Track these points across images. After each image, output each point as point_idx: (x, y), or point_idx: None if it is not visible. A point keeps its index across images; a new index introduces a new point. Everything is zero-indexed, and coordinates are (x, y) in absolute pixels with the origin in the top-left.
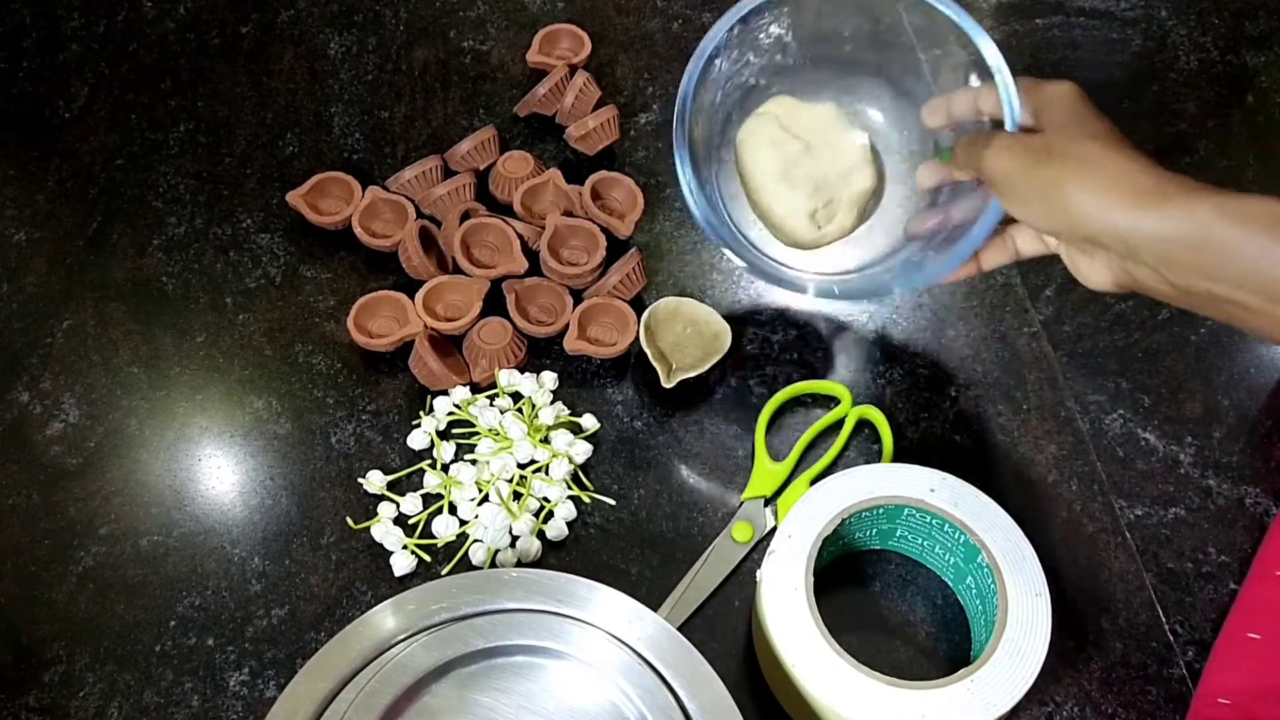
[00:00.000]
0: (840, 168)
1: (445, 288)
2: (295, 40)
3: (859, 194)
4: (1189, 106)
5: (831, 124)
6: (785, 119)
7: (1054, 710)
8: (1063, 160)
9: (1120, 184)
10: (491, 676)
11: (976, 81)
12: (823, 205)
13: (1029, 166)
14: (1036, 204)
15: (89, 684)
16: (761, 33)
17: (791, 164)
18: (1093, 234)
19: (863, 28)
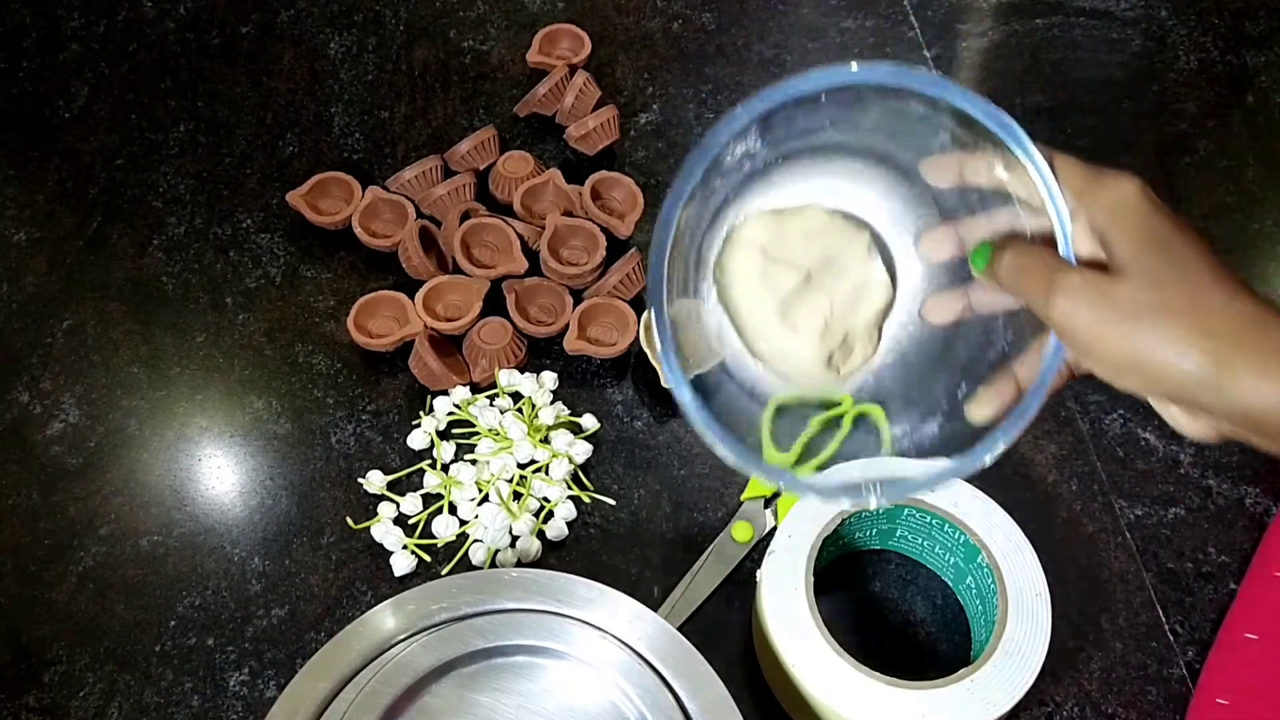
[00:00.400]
0: (847, 288)
1: (445, 288)
2: (295, 40)
3: (876, 313)
4: (1189, 106)
5: (823, 232)
6: (770, 246)
7: (1054, 710)
8: (1168, 319)
9: (1248, 351)
10: (491, 676)
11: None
12: (838, 346)
13: (1123, 331)
14: (1133, 376)
15: (89, 684)
16: (727, 156)
17: (791, 303)
18: (1214, 412)
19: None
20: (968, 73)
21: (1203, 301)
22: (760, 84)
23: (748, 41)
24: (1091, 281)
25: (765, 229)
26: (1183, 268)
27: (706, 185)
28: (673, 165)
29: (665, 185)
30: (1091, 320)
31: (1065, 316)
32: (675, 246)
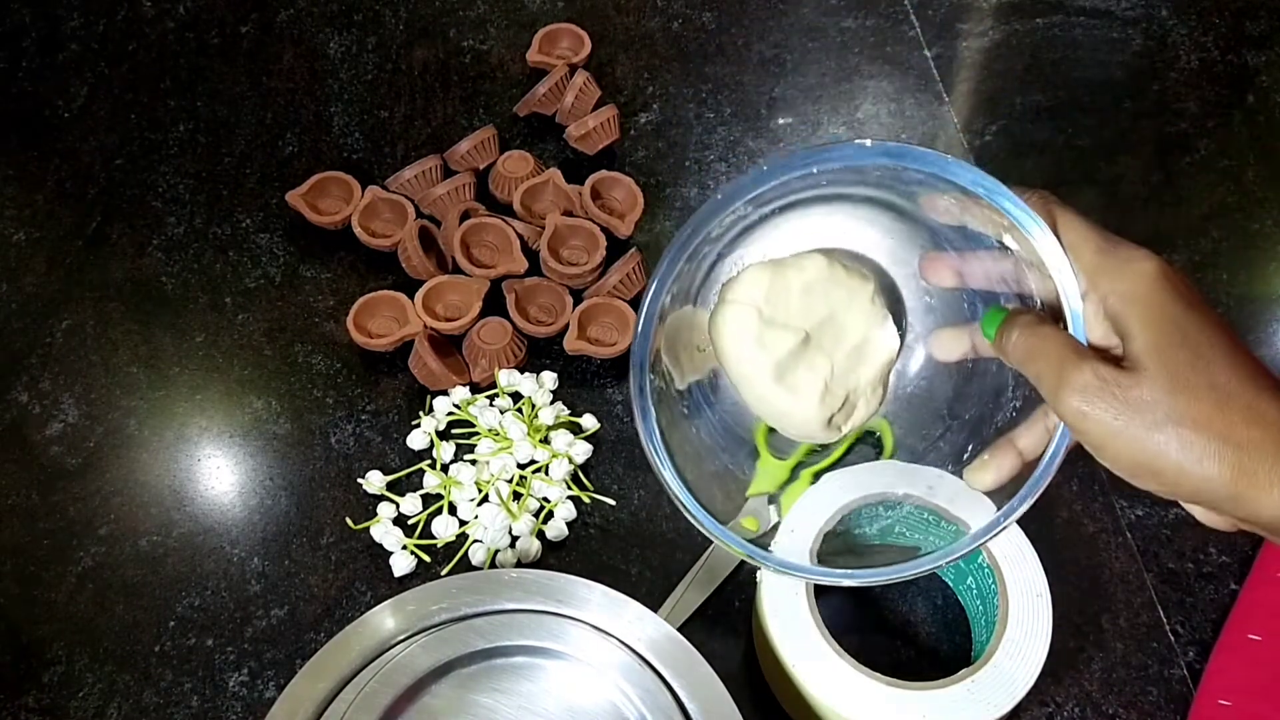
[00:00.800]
0: (849, 347)
1: (445, 288)
2: (295, 40)
3: (881, 368)
4: (1190, 106)
5: (823, 285)
6: (766, 305)
7: (1054, 710)
8: (1189, 428)
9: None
10: (491, 677)
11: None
12: (839, 409)
13: (1139, 437)
14: (1148, 479)
15: (88, 684)
16: (715, 229)
17: (787, 366)
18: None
19: (843, 179)
20: (968, 72)
21: (1225, 407)
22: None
23: (748, 41)
24: (1106, 381)
25: (761, 285)
26: (1205, 368)
27: (694, 256)
28: (673, 165)
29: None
30: (1105, 422)
31: (1078, 416)
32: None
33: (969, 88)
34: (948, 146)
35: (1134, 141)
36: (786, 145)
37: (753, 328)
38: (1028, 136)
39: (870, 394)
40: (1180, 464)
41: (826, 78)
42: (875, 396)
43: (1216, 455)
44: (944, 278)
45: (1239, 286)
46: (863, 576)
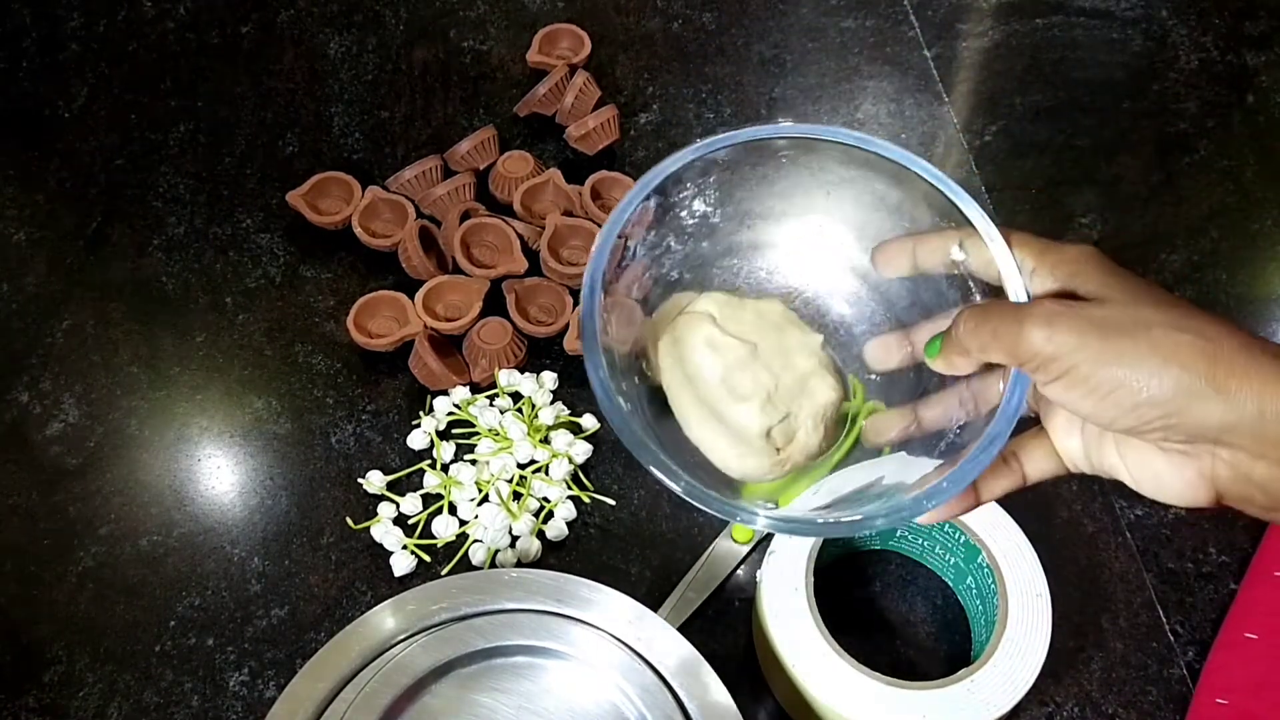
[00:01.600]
0: (795, 374)
1: (445, 288)
2: (295, 40)
3: (822, 407)
4: (1189, 106)
5: (777, 318)
6: (722, 318)
7: (1054, 710)
8: (1158, 327)
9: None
10: (491, 677)
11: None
12: (778, 421)
13: (1108, 345)
14: (1118, 395)
15: (89, 684)
16: (683, 209)
17: (735, 371)
18: (1222, 424)
19: (811, 202)
20: (968, 72)
21: (1187, 315)
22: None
23: (748, 41)
24: (1066, 305)
25: (716, 303)
26: (1157, 296)
27: (660, 233)
28: None
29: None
30: (1072, 336)
31: (1045, 341)
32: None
33: (969, 88)
34: (948, 146)
35: (1134, 141)
36: None
37: (705, 332)
38: (1028, 136)
39: (812, 428)
40: (1152, 364)
41: (826, 78)
42: (817, 434)
43: (1190, 346)
44: (891, 358)
45: (1239, 286)
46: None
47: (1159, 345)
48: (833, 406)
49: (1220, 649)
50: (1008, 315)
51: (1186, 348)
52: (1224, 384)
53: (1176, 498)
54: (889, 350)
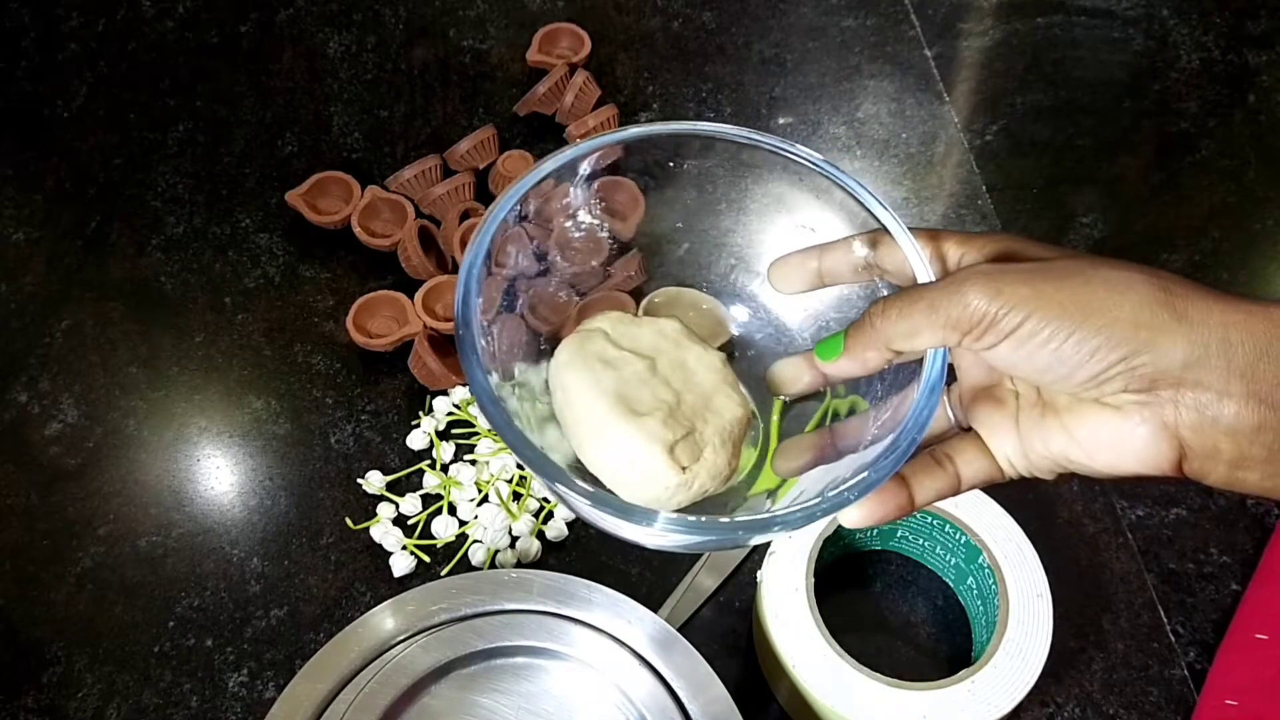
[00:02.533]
0: (698, 391)
1: (445, 287)
2: (294, 39)
3: (730, 424)
4: (1190, 105)
5: (676, 334)
6: (614, 331)
7: (1055, 711)
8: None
9: (1210, 293)
10: (491, 677)
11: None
12: (681, 436)
13: (1061, 290)
14: (1073, 341)
15: (87, 685)
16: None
17: (631, 384)
18: (1187, 359)
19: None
20: (968, 72)
21: (1127, 265)
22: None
23: (748, 40)
24: (1003, 265)
25: (613, 322)
26: (1089, 255)
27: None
28: None
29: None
30: (1022, 286)
31: (992, 297)
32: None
33: (969, 87)
34: (948, 146)
35: (1135, 141)
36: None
37: (599, 347)
38: (1028, 136)
39: (719, 445)
40: (1110, 302)
41: (827, 77)
42: (724, 453)
43: (1144, 281)
44: (800, 280)
45: (1239, 286)
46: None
47: (1112, 283)
48: (739, 424)
49: (1228, 650)
50: (941, 288)
51: (1141, 284)
52: (1184, 313)
53: (1136, 462)
54: (797, 372)
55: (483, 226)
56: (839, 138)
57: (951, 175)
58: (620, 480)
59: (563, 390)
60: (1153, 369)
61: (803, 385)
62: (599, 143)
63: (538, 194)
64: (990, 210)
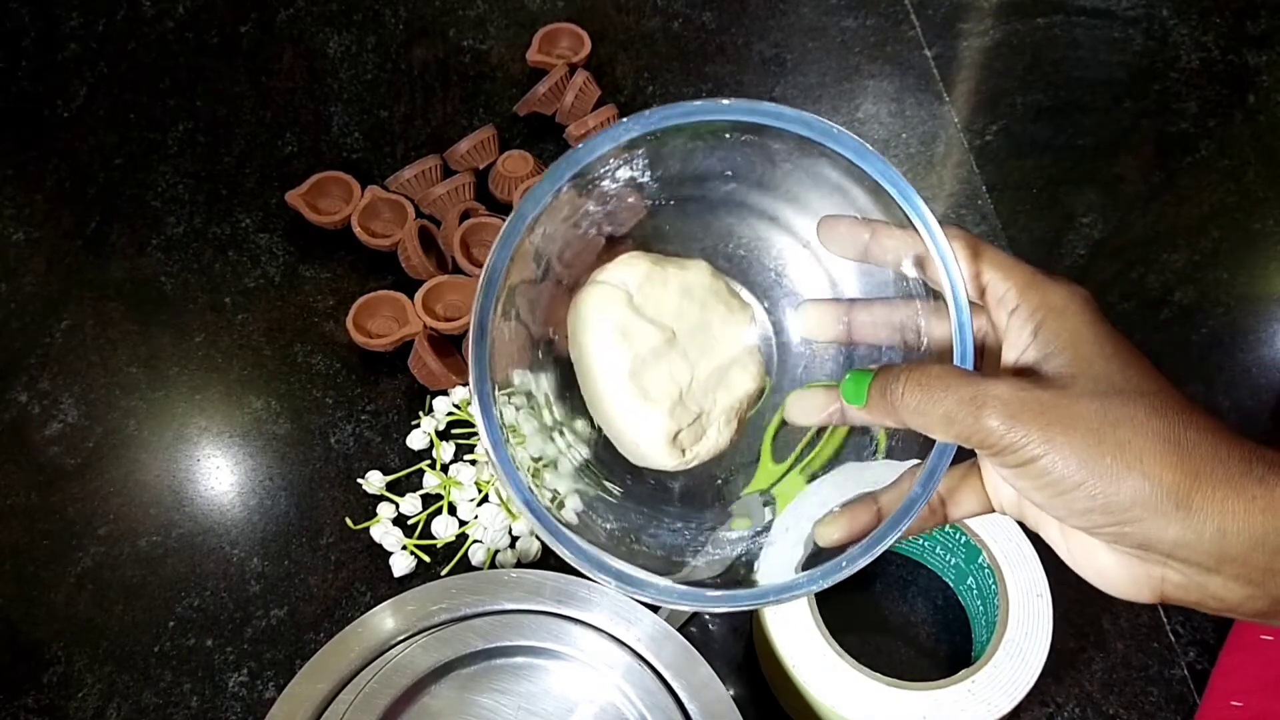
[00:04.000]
0: (714, 364)
1: (445, 287)
2: (294, 39)
3: (738, 400)
4: (1190, 106)
5: (703, 294)
6: (639, 293)
7: (1055, 711)
8: (1128, 429)
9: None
10: (491, 677)
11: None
12: (688, 424)
13: (1073, 440)
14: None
15: (88, 685)
16: (606, 179)
17: (646, 363)
18: (1177, 541)
19: (752, 168)
20: (968, 72)
21: (1160, 412)
22: (760, 83)
23: (748, 40)
24: (1028, 391)
25: (637, 272)
26: (1134, 377)
27: (574, 205)
28: None
29: None
30: (1035, 430)
31: (1005, 431)
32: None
33: (969, 87)
34: (948, 146)
35: (1135, 141)
36: None
37: (619, 314)
38: (1028, 136)
39: (723, 424)
40: (1115, 471)
41: (827, 77)
42: (728, 430)
43: (1157, 454)
44: (825, 328)
45: (1239, 286)
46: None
47: (1125, 450)
48: (749, 398)
49: (1232, 651)
50: (964, 400)
51: (1153, 456)
52: (1187, 499)
53: (1117, 592)
54: (824, 319)
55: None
56: None
57: (951, 175)
58: (625, 447)
59: (579, 347)
60: (1143, 539)
61: (828, 335)
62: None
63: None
64: (990, 210)
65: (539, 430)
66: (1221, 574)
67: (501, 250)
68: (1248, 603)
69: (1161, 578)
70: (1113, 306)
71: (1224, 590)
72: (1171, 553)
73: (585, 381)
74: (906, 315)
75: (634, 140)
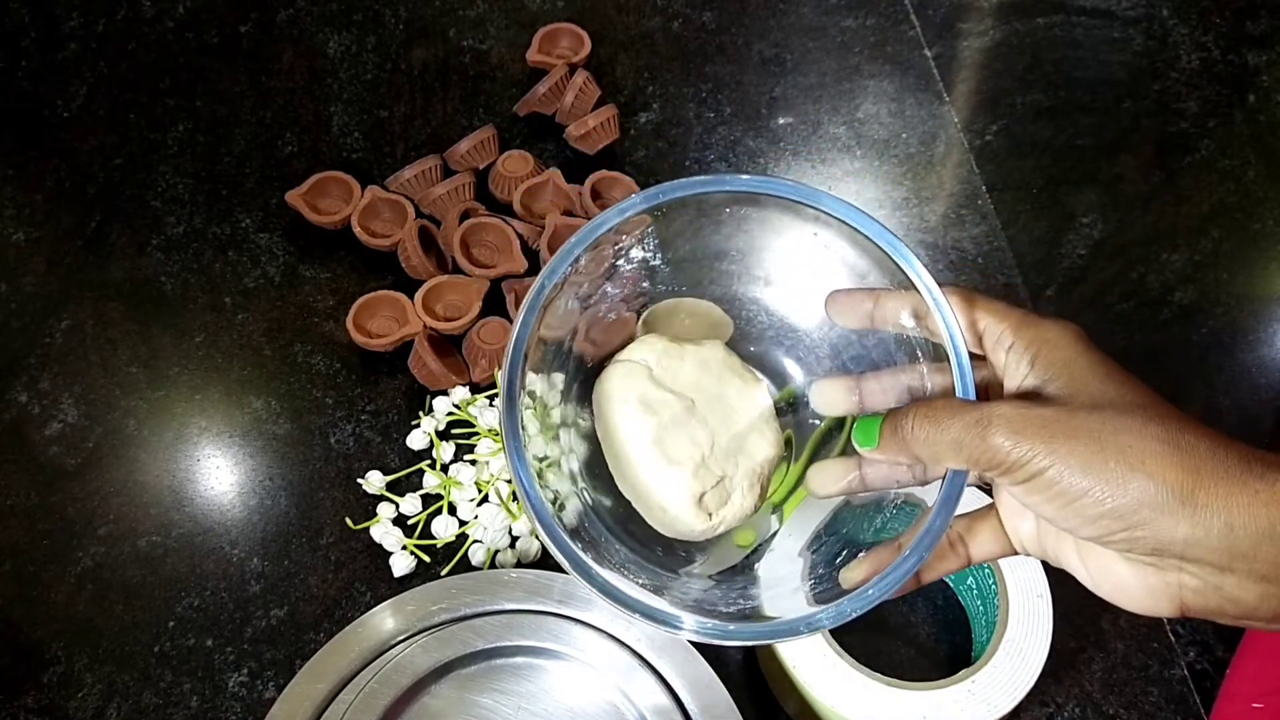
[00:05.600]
0: (733, 430)
1: (445, 287)
2: (294, 39)
3: (761, 465)
4: (1190, 106)
5: (719, 365)
6: (658, 367)
7: (1055, 711)
8: (1130, 435)
9: (1219, 465)
10: (491, 677)
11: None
12: (712, 486)
13: (1077, 449)
14: (1085, 501)
15: (88, 684)
16: (621, 258)
17: (669, 430)
18: (1188, 539)
19: (752, 243)
20: (968, 72)
21: (1161, 421)
22: (760, 83)
23: (748, 40)
24: (1031, 408)
25: (655, 350)
26: (1130, 393)
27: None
28: (673, 165)
29: None
30: (1040, 444)
31: (1011, 448)
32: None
33: (969, 87)
34: (949, 146)
35: (1135, 141)
36: (786, 145)
37: (640, 387)
38: (1028, 136)
39: (746, 489)
40: (1120, 475)
41: (827, 77)
42: (752, 495)
43: (1159, 455)
44: (839, 403)
45: (1239, 286)
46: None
47: (1127, 454)
48: (769, 464)
49: (1248, 654)
50: (970, 424)
51: (1155, 457)
52: (1192, 496)
53: (1138, 607)
54: (837, 394)
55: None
56: (839, 138)
57: (951, 175)
58: (652, 515)
59: (604, 422)
60: (1155, 543)
61: (840, 409)
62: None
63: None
64: (990, 210)
65: (546, 429)
66: (1235, 572)
67: (528, 313)
68: (1264, 603)
69: (1179, 584)
70: (1112, 306)
71: (1240, 590)
72: (1184, 554)
73: (612, 456)
74: (912, 377)
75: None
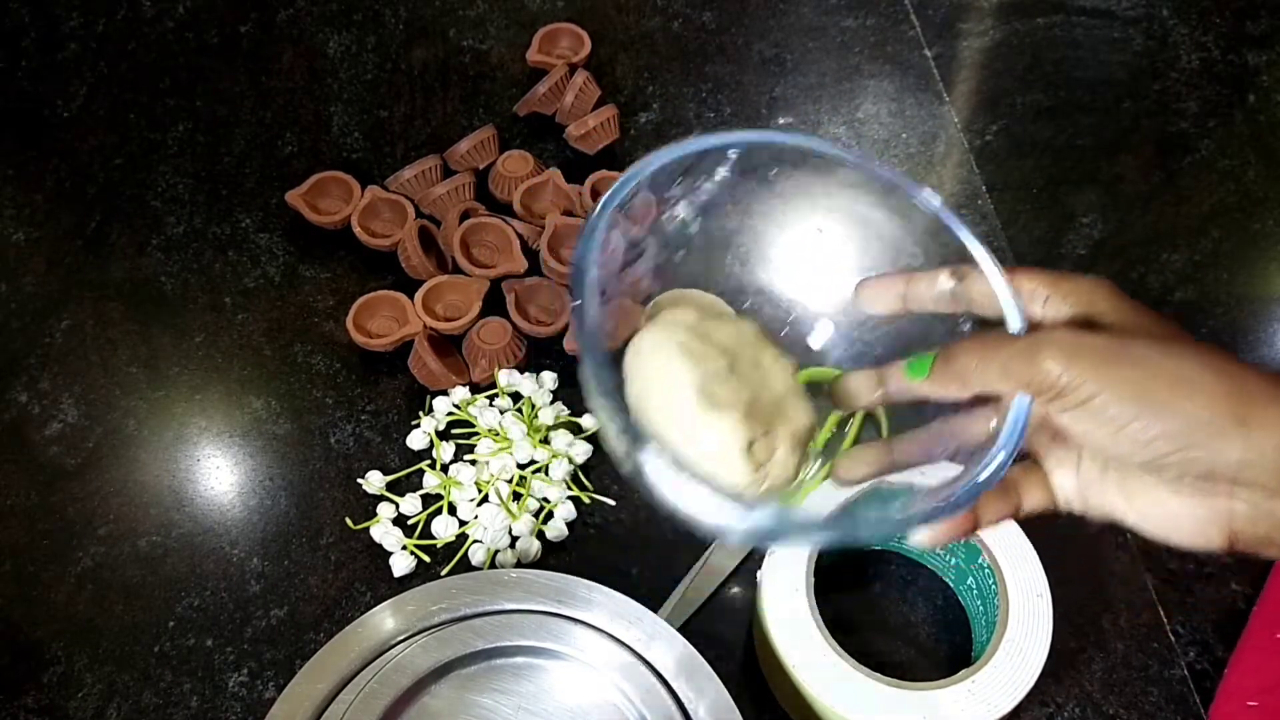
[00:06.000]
0: (773, 393)
1: (445, 287)
2: (294, 39)
3: (800, 430)
4: (1190, 106)
5: (751, 337)
6: (701, 330)
7: (1055, 711)
8: (1178, 356)
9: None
10: (491, 678)
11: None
12: (762, 434)
13: (1130, 369)
14: (1142, 421)
15: (88, 685)
16: (667, 211)
17: (713, 380)
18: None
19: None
20: (968, 72)
21: (1205, 350)
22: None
23: (748, 40)
24: (1081, 333)
25: (689, 315)
26: (1174, 329)
27: (637, 244)
28: None
29: None
30: (1091, 367)
31: (1062, 371)
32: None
33: (969, 87)
34: (948, 146)
35: (1135, 141)
36: None
37: (680, 339)
38: (1028, 136)
39: (790, 448)
40: (1173, 396)
41: (827, 77)
42: (794, 456)
43: (1212, 378)
44: (885, 302)
45: (1239, 286)
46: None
47: (1181, 377)
48: (807, 432)
49: (1247, 651)
50: (1019, 347)
51: (1209, 379)
52: (1245, 417)
53: (1188, 539)
54: (864, 386)
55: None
56: (839, 138)
57: (951, 175)
58: (698, 465)
59: (642, 380)
60: (1208, 465)
61: (864, 400)
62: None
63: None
64: (990, 210)
65: None
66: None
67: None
68: None
69: (1229, 512)
70: None
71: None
72: (1237, 476)
73: (651, 410)
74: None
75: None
